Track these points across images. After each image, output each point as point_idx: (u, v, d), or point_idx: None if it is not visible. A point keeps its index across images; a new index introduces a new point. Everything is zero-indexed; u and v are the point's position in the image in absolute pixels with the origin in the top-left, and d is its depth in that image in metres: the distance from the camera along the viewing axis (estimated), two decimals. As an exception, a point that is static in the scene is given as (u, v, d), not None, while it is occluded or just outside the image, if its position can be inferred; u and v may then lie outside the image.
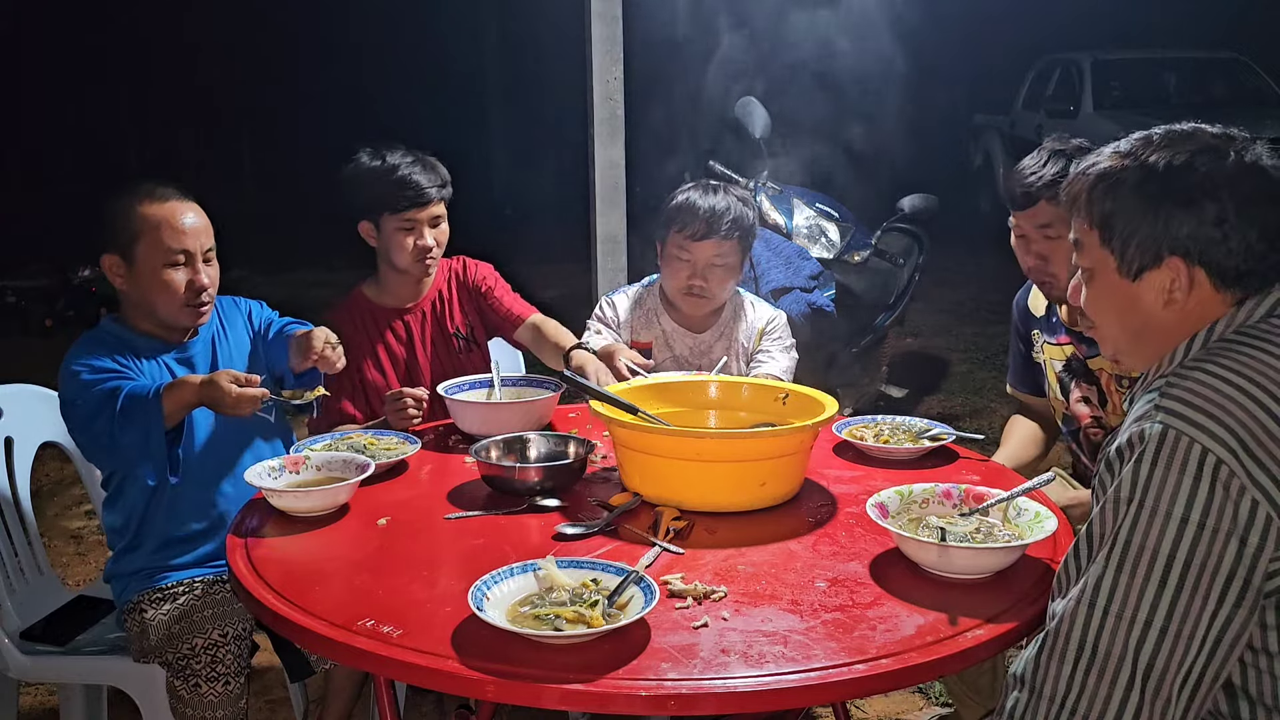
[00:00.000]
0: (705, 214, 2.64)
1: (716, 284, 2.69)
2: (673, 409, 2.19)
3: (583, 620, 1.41)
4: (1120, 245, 1.42)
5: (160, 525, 2.27)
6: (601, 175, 3.80)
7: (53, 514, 4.32)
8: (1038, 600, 1.56)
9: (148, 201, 2.21)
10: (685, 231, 2.65)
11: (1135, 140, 1.45)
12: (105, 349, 2.21)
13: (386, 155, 2.64)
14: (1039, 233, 2.23)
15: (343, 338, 2.66)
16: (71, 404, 2.14)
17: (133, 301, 2.27)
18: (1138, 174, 1.41)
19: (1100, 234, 1.44)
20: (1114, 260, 1.44)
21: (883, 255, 4.97)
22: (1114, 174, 1.43)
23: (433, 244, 2.66)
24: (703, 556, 1.71)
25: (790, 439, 1.91)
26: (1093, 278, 1.49)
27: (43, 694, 3.01)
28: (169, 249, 2.20)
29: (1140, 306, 1.44)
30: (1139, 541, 1.27)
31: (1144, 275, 1.42)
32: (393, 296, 2.75)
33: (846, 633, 1.45)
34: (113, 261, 2.23)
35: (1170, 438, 1.27)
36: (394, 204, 2.61)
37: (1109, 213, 1.43)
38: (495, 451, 2.12)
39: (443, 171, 2.69)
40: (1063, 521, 1.80)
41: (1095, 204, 1.45)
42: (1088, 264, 1.49)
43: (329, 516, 1.90)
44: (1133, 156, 1.42)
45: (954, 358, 6.62)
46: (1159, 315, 1.43)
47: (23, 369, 3.00)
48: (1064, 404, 2.41)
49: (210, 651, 2.11)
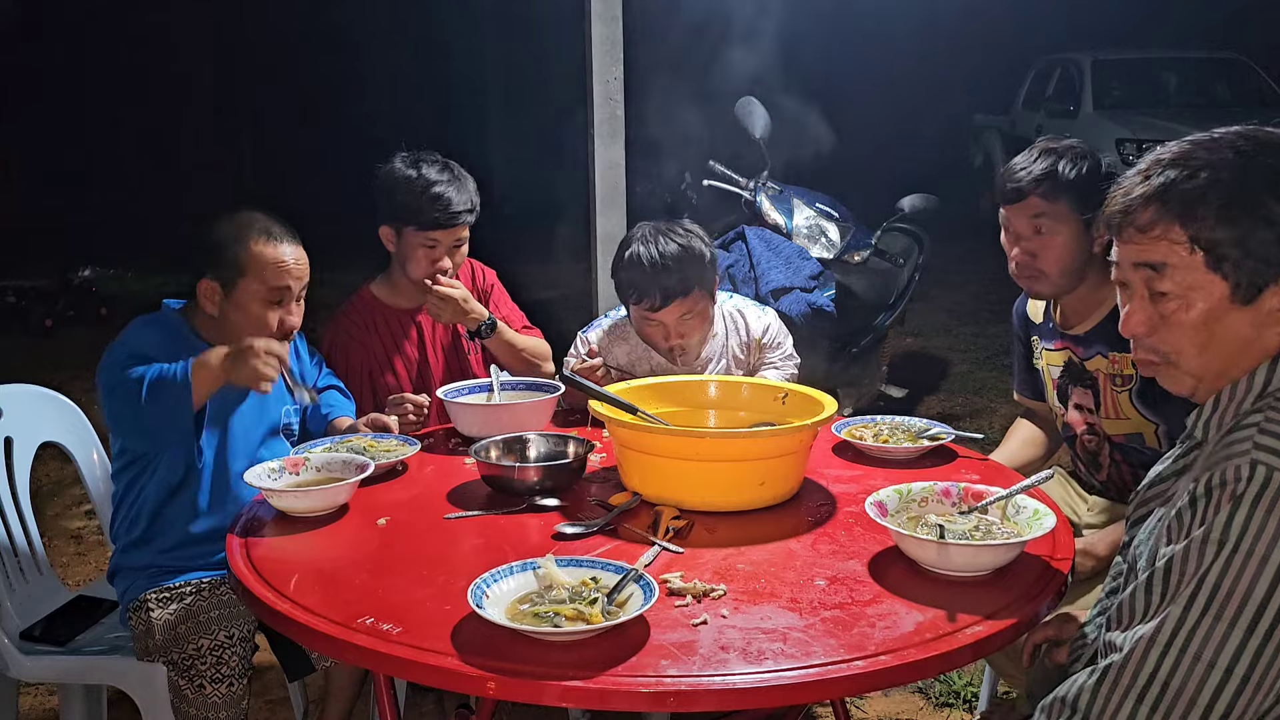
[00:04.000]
0: (656, 285, 2.47)
1: (694, 332, 2.58)
2: (672, 409, 2.19)
3: (582, 617, 1.42)
4: (1233, 269, 1.30)
5: (176, 523, 2.28)
6: (601, 175, 3.79)
7: (53, 514, 4.32)
8: (1036, 597, 1.57)
9: (262, 239, 2.21)
10: (644, 305, 2.51)
11: (1212, 142, 1.33)
12: (161, 335, 2.22)
13: (422, 166, 2.60)
14: (1030, 225, 2.22)
15: (353, 339, 2.67)
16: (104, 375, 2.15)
17: (216, 325, 2.26)
18: (1245, 185, 1.29)
19: (1207, 257, 1.31)
20: (1225, 285, 1.32)
21: (883, 255, 4.97)
22: (1216, 185, 1.30)
23: (449, 266, 2.63)
24: (702, 555, 1.71)
25: (789, 438, 1.91)
26: (1186, 305, 1.34)
27: (43, 694, 3.02)
28: (273, 289, 2.21)
29: (1242, 332, 1.33)
30: (1229, 586, 1.22)
31: (1260, 297, 1.31)
32: (405, 298, 2.74)
33: (845, 630, 1.46)
34: (210, 288, 2.23)
35: (1275, 482, 1.22)
36: (420, 220, 2.58)
37: (1221, 234, 1.30)
38: (495, 451, 2.13)
39: (473, 191, 2.64)
40: (1061, 519, 1.80)
41: (1201, 223, 1.31)
42: (1177, 290, 1.34)
43: (329, 517, 1.91)
44: (1226, 166, 1.30)
45: (954, 358, 6.63)
46: (1259, 338, 1.33)
47: (23, 369, 3.01)
48: (1061, 410, 2.42)
49: (216, 653, 2.11)
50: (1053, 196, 2.18)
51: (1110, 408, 2.28)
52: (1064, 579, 1.65)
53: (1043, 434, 2.57)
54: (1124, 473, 2.33)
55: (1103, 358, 2.27)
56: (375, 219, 2.66)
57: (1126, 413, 2.26)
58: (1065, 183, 2.17)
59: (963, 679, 2.96)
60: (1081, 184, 2.16)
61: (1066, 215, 2.18)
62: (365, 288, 2.77)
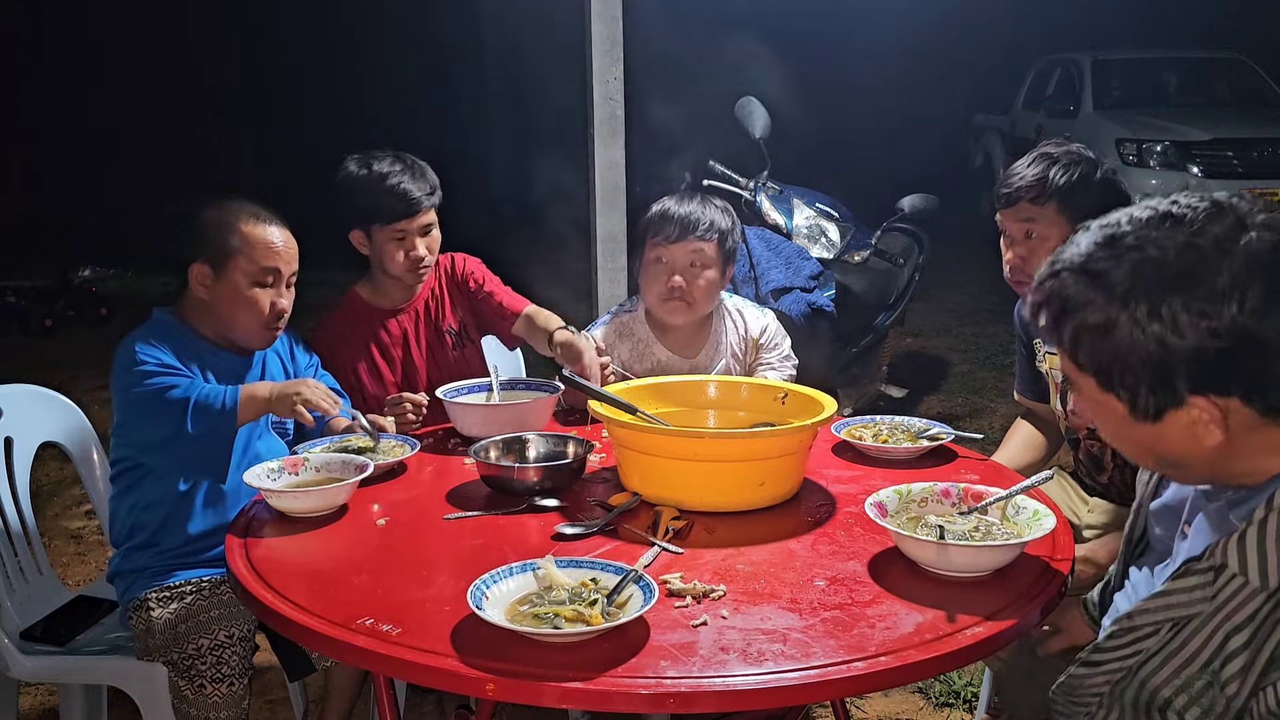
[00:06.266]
0: (679, 218, 2.61)
1: (697, 289, 2.61)
2: (671, 409, 2.19)
3: (582, 619, 1.42)
4: (1128, 394, 1.25)
5: (181, 529, 2.28)
6: (601, 175, 3.80)
7: (53, 514, 4.32)
8: (1036, 598, 1.57)
9: (251, 221, 2.26)
10: (660, 236, 2.62)
11: (1100, 253, 1.24)
12: (170, 343, 2.24)
13: (374, 164, 2.60)
14: (1021, 228, 2.24)
15: (340, 338, 2.67)
16: (129, 390, 2.17)
17: (209, 310, 2.30)
18: (1122, 312, 1.21)
19: (1098, 381, 1.27)
20: (1123, 407, 1.27)
21: (883, 255, 4.97)
22: (1094, 318, 1.24)
23: (424, 253, 2.64)
24: (702, 556, 1.71)
25: (789, 439, 1.91)
26: (1098, 414, 1.32)
27: (43, 694, 3.02)
28: (262, 268, 2.26)
29: (1166, 444, 1.28)
30: None
31: (1165, 416, 1.25)
32: (387, 298, 2.74)
33: (845, 631, 1.45)
34: (202, 271, 2.26)
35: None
36: (384, 215, 2.59)
37: (1100, 360, 1.25)
38: (494, 452, 2.13)
39: (431, 177, 2.65)
40: (1061, 520, 1.80)
41: (1078, 349, 1.27)
42: (1091, 408, 1.33)
43: (328, 517, 1.90)
44: (1106, 286, 1.22)
45: (954, 358, 6.63)
46: (1196, 448, 1.26)
47: (23, 369, 3.01)
48: (1063, 414, 2.41)
49: (216, 653, 2.11)
50: (1042, 201, 2.19)
51: None
52: (1064, 580, 1.65)
53: (1043, 436, 2.56)
54: (1126, 475, 2.33)
55: None
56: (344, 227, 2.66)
57: None
58: (1055, 188, 2.18)
59: (963, 679, 2.96)
60: (1072, 189, 2.17)
61: (1055, 219, 2.19)
62: (353, 289, 2.78)
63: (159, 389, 2.13)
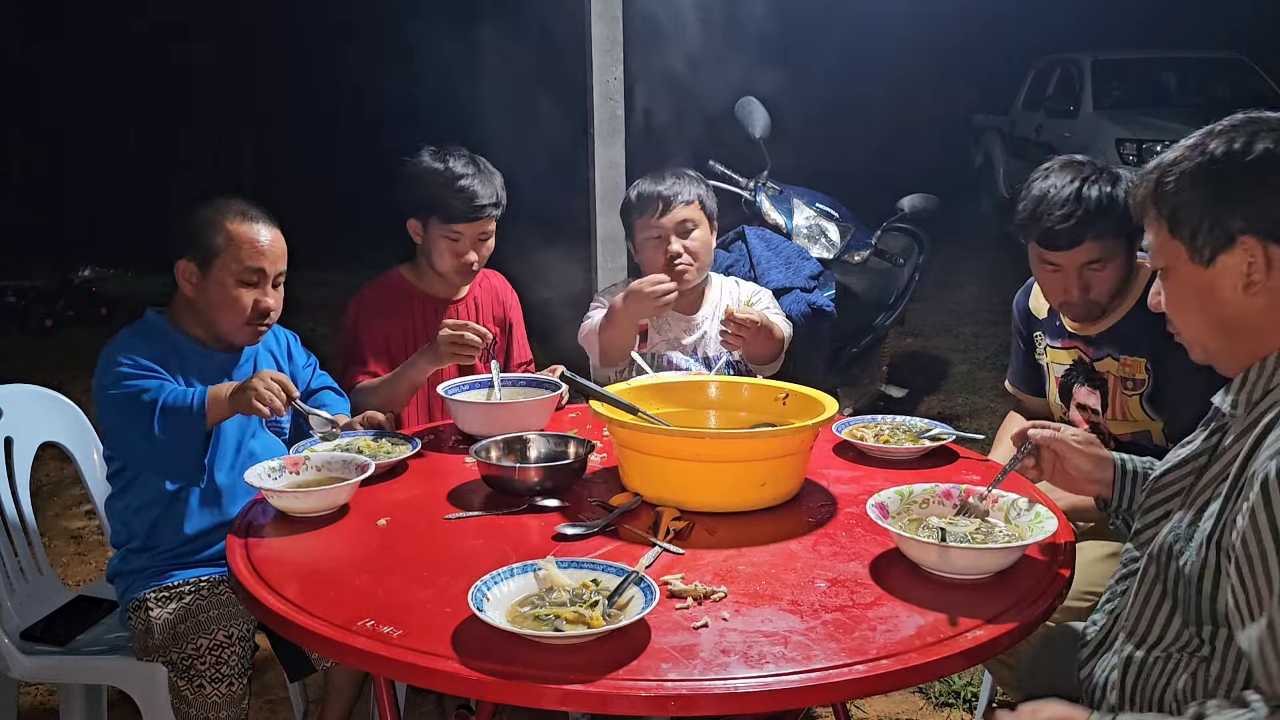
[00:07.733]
0: (659, 193, 2.73)
1: (697, 248, 2.74)
2: (672, 409, 2.19)
3: (583, 621, 1.41)
4: (1189, 232, 1.40)
5: (176, 529, 2.28)
6: (601, 175, 3.79)
7: (53, 514, 4.32)
8: (1038, 600, 1.57)
9: (238, 219, 2.26)
10: (647, 214, 2.74)
11: (1199, 133, 1.44)
12: (152, 346, 2.24)
13: (449, 160, 2.66)
14: (1085, 265, 2.18)
15: (375, 312, 2.73)
16: (105, 391, 2.17)
17: (195, 308, 2.30)
18: (1200, 159, 1.40)
19: (1169, 225, 1.43)
20: (1184, 249, 1.42)
21: (883, 255, 4.97)
22: (1177, 164, 1.42)
23: (474, 259, 2.71)
24: (703, 557, 1.71)
25: (790, 439, 1.91)
26: (1168, 275, 1.47)
27: (43, 694, 3.01)
28: (247, 267, 2.25)
29: (1219, 294, 1.41)
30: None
31: (1218, 259, 1.39)
32: (429, 287, 2.80)
33: (846, 633, 1.45)
34: (188, 268, 2.26)
35: None
36: (444, 212, 2.65)
37: (1176, 203, 1.42)
38: (495, 452, 2.12)
39: (499, 185, 2.72)
40: (1063, 523, 1.80)
41: (1162, 198, 1.44)
42: (1162, 262, 1.46)
43: (329, 517, 1.90)
44: (1196, 147, 1.42)
45: (954, 358, 6.63)
46: (1242, 302, 1.39)
47: (23, 369, 3.00)
48: (1062, 409, 2.41)
49: (215, 652, 2.11)
50: (1105, 234, 2.15)
51: (1118, 409, 2.28)
52: (1065, 581, 1.64)
53: None
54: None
55: (1114, 360, 2.26)
56: (403, 211, 2.72)
57: (1134, 415, 2.26)
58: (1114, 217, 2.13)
59: (963, 679, 2.96)
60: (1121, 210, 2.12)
61: (1116, 243, 2.17)
62: (394, 270, 2.82)
63: (131, 392, 2.13)
